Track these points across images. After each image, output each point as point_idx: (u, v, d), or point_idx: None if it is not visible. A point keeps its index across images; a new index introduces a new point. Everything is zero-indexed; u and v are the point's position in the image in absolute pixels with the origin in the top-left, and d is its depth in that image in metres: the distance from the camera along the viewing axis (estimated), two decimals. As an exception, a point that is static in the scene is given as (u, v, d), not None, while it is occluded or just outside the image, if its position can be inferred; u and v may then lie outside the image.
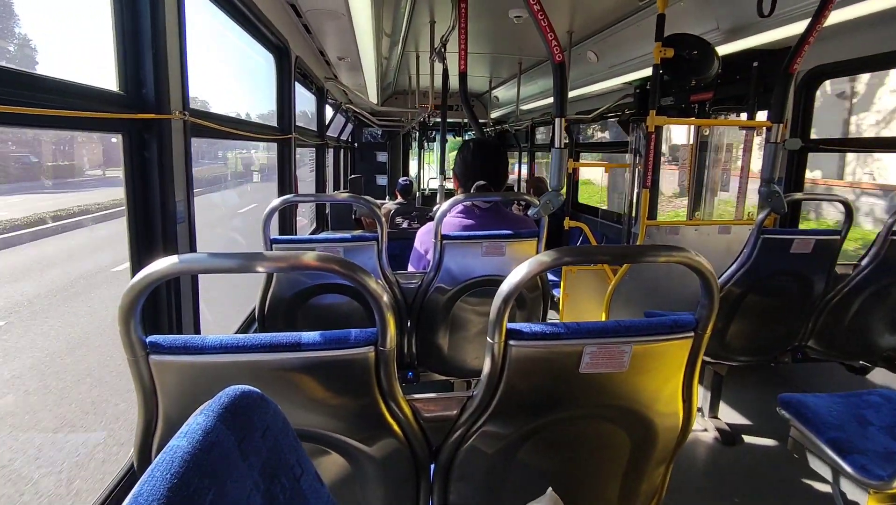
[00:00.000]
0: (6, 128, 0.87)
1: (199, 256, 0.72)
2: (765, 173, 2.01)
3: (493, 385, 0.87)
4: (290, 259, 0.74)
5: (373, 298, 0.78)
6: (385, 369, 0.83)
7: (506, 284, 0.82)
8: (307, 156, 4.41)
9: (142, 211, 1.16)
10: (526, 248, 1.76)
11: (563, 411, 0.92)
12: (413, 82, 5.21)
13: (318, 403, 0.84)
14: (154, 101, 1.11)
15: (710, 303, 0.86)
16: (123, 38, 1.07)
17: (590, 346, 0.83)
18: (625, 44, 3.35)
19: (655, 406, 0.93)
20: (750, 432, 2.28)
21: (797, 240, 1.87)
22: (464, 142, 2.07)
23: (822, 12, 1.76)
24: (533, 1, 1.58)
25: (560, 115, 1.70)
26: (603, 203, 8.16)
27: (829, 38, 2.32)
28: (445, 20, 3.18)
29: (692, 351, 0.90)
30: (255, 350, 0.77)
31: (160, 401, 0.79)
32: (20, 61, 3.15)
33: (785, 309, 2.05)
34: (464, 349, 1.93)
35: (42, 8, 1.37)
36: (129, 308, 0.72)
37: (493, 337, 0.83)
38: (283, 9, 2.31)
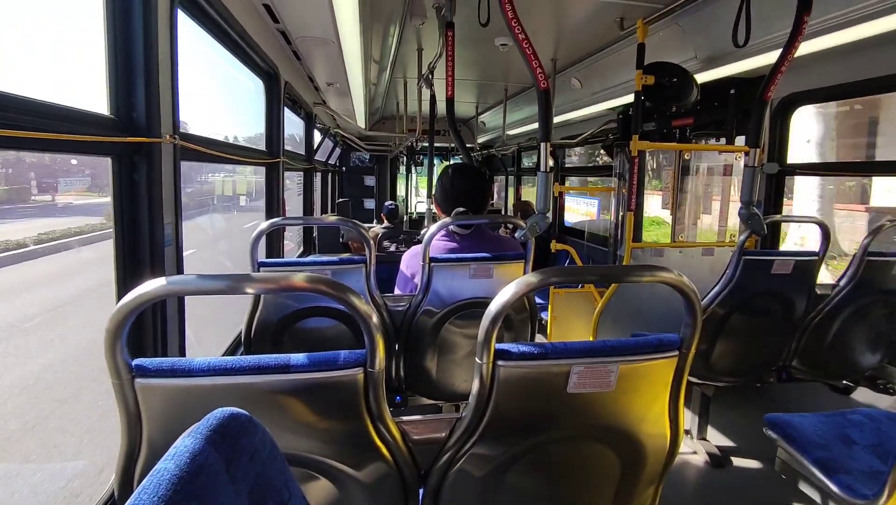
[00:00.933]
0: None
1: (187, 278, 0.72)
2: (744, 196, 2.06)
3: (481, 406, 0.87)
4: (279, 281, 0.74)
5: (361, 319, 0.78)
6: (374, 391, 0.83)
7: (494, 304, 0.83)
8: (295, 180, 4.42)
9: (129, 233, 1.15)
10: (514, 270, 1.77)
11: (552, 432, 0.92)
12: (401, 107, 5.28)
13: (306, 426, 0.83)
14: (145, 124, 1.12)
15: (694, 322, 0.87)
16: (116, 62, 1.08)
17: (577, 365, 0.84)
18: (608, 71, 3.45)
19: (643, 426, 0.94)
20: (738, 454, 2.28)
21: (777, 260, 1.91)
22: (444, 168, 2.10)
23: (793, 43, 1.84)
24: (518, 30, 1.63)
25: (545, 140, 1.74)
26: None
27: (803, 67, 2.41)
28: (433, 47, 3.25)
29: (677, 370, 0.91)
30: (243, 372, 0.77)
31: (144, 426, 0.78)
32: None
33: (768, 329, 2.08)
34: (452, 372, 1.92)
35: (31, 34, 1.37)
36: (115, 331, 0.71)
37: (482, 357, 0.83)
38: (273, 35, 2.35)
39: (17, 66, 1.03)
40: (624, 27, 2.79)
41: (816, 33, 1.95)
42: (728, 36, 2.26)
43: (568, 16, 2.79)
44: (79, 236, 4.97)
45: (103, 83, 1.06)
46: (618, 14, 2.70)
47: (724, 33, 2.33)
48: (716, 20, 2.39)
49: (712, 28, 2.46)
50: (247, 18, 1.89)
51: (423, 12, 2.72)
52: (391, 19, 2.86)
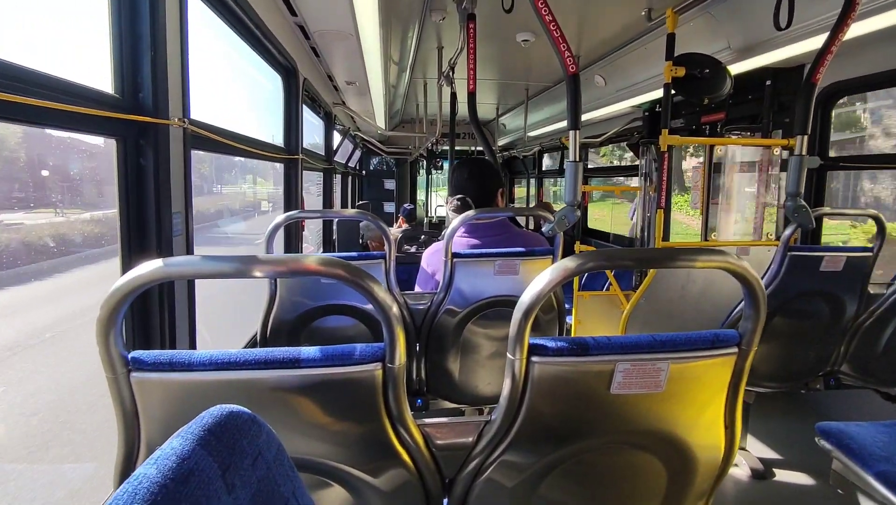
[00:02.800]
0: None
1: (186, 259, 0.65)
2: (790, 188, 1.93)
3: (513, 408, 0.78)
4: (291, 263, 0.67)
5: (380, 309, 0.70)
6: (394, 389, 0.74)
7: (527, 294, 0.74)
8: (315, 182, 4.40)
9: (135, 222, 1.09)
10: (541, 266, 1.68)
11: (592, 438, 0.82)
12: (420, 109, 5.24)
13: (319, 427, 0.75)
14: (151, 106, 1.06)
15: (756, 314, 0.77)
16: (121, 39, 1.03)
17: (622, 362, 0.74)
18: (633, 66, 3.34)
19: (694, 433, 0.83)
20: (784, 466, 2.12)
21: (827, 257, 1.77)
22: (453, 167, 2.06)
23: (845, 20, 1.71)
24: (545, 11, 1.55)
25: (574, 128, 1.65)
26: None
27: (846, 55, 2.27)
28: (453, 45, 3.19)
29: (736, 370, 0.80)
30: (249, 367, 0.69)
31: (142, 425, 0.71)
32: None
33: (815, 332, 1.94)
34: (476, 374, 1.83)
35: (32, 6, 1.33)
36: (108, 319, 0.64)
37: (514, 353, 0.74)
38: (291, 30, 2.31)
39: (12, 35, 0.97)
40: (652, 18, 2.68)
41: (869, 13, 1.81)
42: (764, 23, 2.14)
43: (593, 9, 2.70)
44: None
45: (107, 62, 1.01)
46: (645, 5, 2.60)
47: (761, 20, 2.21)
48: (751, 6, 2.27)
49: (747, 15, 2.34)
50: (264, 10, 1.85)
51: (444, 7, 2.66)
52: (410, 16, 2.81)
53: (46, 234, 2.05)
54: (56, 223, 2.09)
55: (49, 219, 2.03)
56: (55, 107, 0.84)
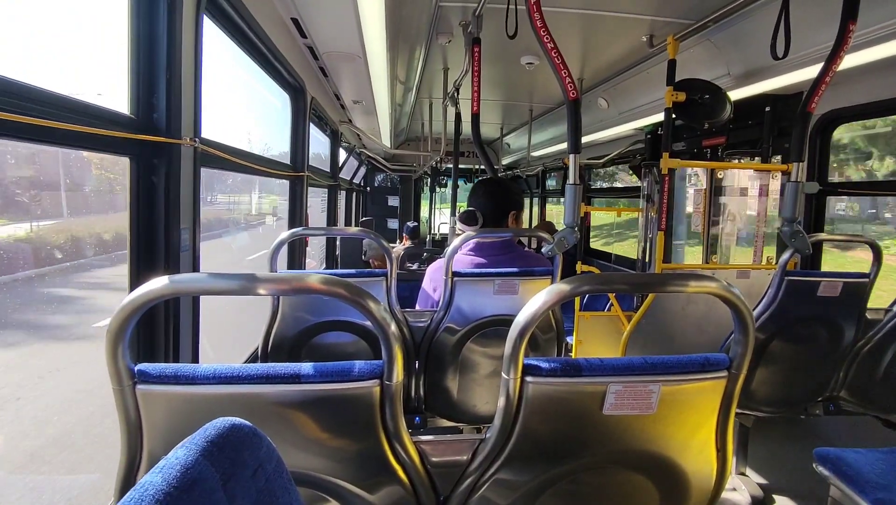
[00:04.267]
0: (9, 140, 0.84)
1: (193, 277, 0.68)
2: (786, 213, 1.95)
3: (507, 426, 0.80)
4: (293, 281, 0.69)
5: (379, 327, 0.72)
6: (391, 406, 0.76)
7: (522, 314, 0.76)
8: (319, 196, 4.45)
9: (145, 237, 1.13)
10: (540, 286, 1.70)
11: (586, 458, 0.83)
12: (426, 128, 5.31)
13: (317, 442, 0.77)
14: (164, 126, 1.11)
15: (745, 339, 0.79)
16: (138, 62, 1.08)
17: (615, 384, 0.76)
18: (635, 90, 3.40)
19: (686, 455, 0.85)
20: (783, 492, 2.11)
21: (824, 282, 1.79)
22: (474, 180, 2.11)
23: (838, 52, 1.75)
24: (547, 39, 1.60)
25: (574, 152, 1.68)
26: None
27: (843, 83, 2.31)
28: (458, 66, 3.26)
29: (726, 393, 0.82)
30: (251, 381, 0.71)
31: (145, 436, 0.73)
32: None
33: (814, 356, 1.94)
34: (474, 393, 1.83)
35: (53, 29, 1.38)
36: (117, 333, 0.67)
37: (509, 372, 0.76)
38: (301, 50, 2.37)
39: (37, 59, 1.02)
40: (653, 44, 2.74)
41: (864, 44, 1.86)
42: (763, 51, 2.18)
43: (595, 34, 2.76)
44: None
45: (124, 85, 1.05)
46: (647, 31, 2.65)
47: (760, 48, 2.26)
48: (750, 35, 2.32)
49: (747, 43, 2.39)
50: (275, 32, 1.90)
51: (450, 30, 2.73)
52: (417, 38, 2.88)
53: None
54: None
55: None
56: (74, 128, 0.88)
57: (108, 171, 3.39)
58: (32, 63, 0.94)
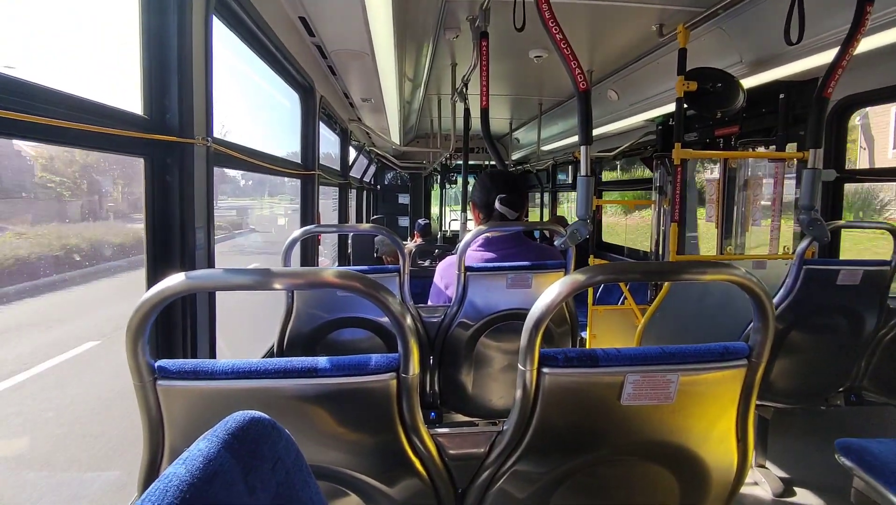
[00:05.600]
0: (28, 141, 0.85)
1: (209, 273, 0.69)
2: (804, 201, 1.92)
3: (525, 418, 0.79)
4: (308, 276, 0.70)
5: (395, 320, 0.72)
6: (408, 399, 0.76)
7: (537, 306, 0.75)
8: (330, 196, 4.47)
9: (161, 236, 1.14)
10: (553, 279, 1.69)
11: (604, 449, 0.83)
12: (435, 125, 5.31)
13: (335, 436, 0.77)
14: (177, 126, 1.12)
15: (765, 327, 0.78)
16: (150, 63, 1.09)
17: (632, 374, 0.75)
18: (645, 81, 3.36)
19: (706, 446, 0.84)
20: (804, 484, 2.08)
21: (843, 271, 1.76)
22: (480, 173, 2.05)
23: (855, 36, 1.71)
24: (556, 30, 1.58)
25: (586, 143, 1.67)
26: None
27: (859, 68, 2.27)
28: (466, 61, 3.25)
29: (746, 383, 0.81)
30: (269, 376, 0.72)
31: (167, 431, 0.74)
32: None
33: (834, 346, 1.91)
34: (489, 388, 1.83)
35: (67, 32, 1.39)
36: (137, 329, 0.68)
37: (525, 364, 0.76)
38: (309, 49, 2.38)
39: (55, 62, 1.04)
40: (663, 33, 2.70)
41: (880, 27, 1.81)
42: (776, 37, 2.15)
43: (604, 25, 2.73)
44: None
45: (137, 86, 1.07)
46: (656, 21, 2.62)
47: (773, 34, 2.22)
48: (762, 21, 2.28)
49: (759, 29, 2.35)
50: (283, 32, 1.91)
51: (457, 25, 2.72)
52: (424, 34, 2.87)
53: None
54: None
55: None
56: (88, 128, 0.90)
57: (56, 173, 2.93)
58: (43, 64, 0.95)
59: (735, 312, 2.13)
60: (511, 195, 1.85)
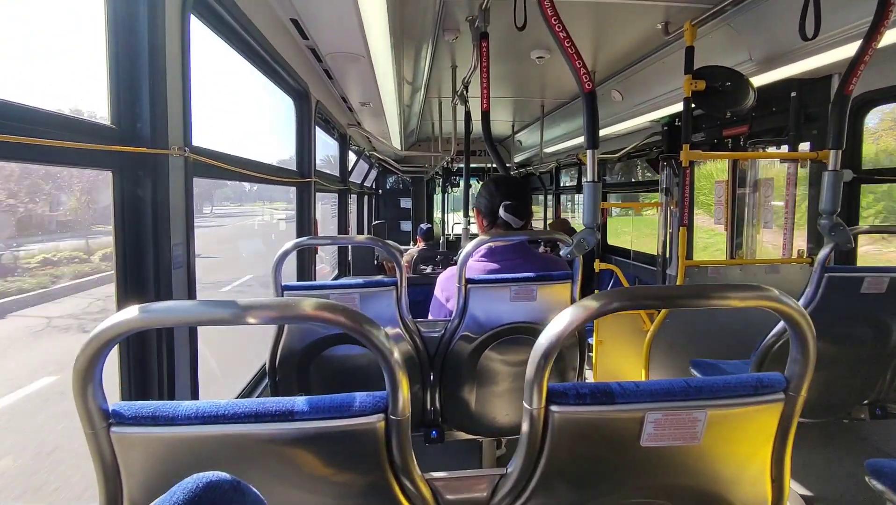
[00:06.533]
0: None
1: (169, 305, 0.60)
2: (825, 205, 1.82)
3: (532, 460, 0.70)
4: (285, 308, 0.60)
5: (380, 355, 0.63)
6: (398, 442, 0.67)
7: (545, 336, 0.66)
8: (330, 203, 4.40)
9: (132, 255, 1.05)
10: (559, 291, 1.60)
11: (620, 493, 0.73)
12: (436, 128, 5.23)
13: (316, 482, 0.68)
14: (150, 136, 1.03)
15: (805, 357, 0.68)
16: (118, 66, 1.00)
17: (653, 412, 0.66)
18: (650, 81, 3.27)
19: (737, 488, 0.74)
20: (827, 502, 1.97)
21: (869, 278, 1.65)
22: (486, 179, 1.96)
23: (878, 28, 1.62)
24: (559, 28, 1.50)
25: (592, 147, 1.58)
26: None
27: (876, 63, 2.17)
28: (466, 63, 3.17)
29: (783, 418, 0.72)
30: (238, 420, 0.63)
31: (124, 483, 0.65)
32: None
33: (858, 358, 1.80)
34: (493, 404, 1.74)
35: (25, 37, 1.30)
36: (86, 369, 0.59)
37: (532, 401, 0.67)
38: (302, 52, 2.30)
39: (8, 70, 0.96)
40: (669, 31, 2.62)
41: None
42: (788, 33, 2.05)
43: (608, 24, 2.65)
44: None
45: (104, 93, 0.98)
46: (662, 18, 2.54)
47: (784, 30, 2.13)
48: (774, 16, 2.19)
49: (769, 26, 2.26)
50: (274, 34, 1.83)
51: (456, 26, 2.64)
52: (423, 36, 2.80)
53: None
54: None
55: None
56: (46, 143, 0.81)
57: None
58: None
59: (749, 318, 2.03)
60: (516, 202, 1.76)
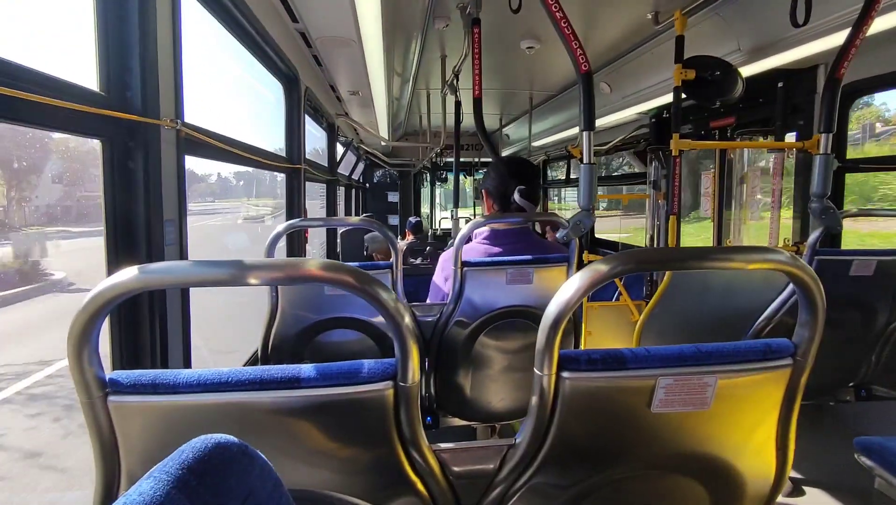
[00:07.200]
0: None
1: (169, 265, 0.57)
2: (816, 188, 1.85)
3: (541, 429, 0.69)
4: (290, 268, 0.58)
5: (391, 320, 0.61)
6: (407, 411, 0.66)
7: (554, 303, 0.65)
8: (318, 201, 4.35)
9: (123, 231, 1.01)
10: (555, 274, 1.59)
11: (631, 462, 0.73)
12: (424, 121, 5.21)
13: (322, 454, 0.67)
14: (140, 105, 0.99)
15: (814, 321, 0.69)
16: (107, 33, 0.96)
17: (665, 378, 0.66)
18: (640, 72, 3.29)
19: (743, 455, 0.75)
20: (819, 484, 2.00)
21: (857, 261, 1.68)
22: (496, 160, 1.95)
23: (869, 13, 1.64)
24: (556, 9, 1.49)
25: (588, 129, 1.57)
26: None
27: (863, 52, 2.21)
28: (456, 53, 3.15)
29: (790, 385, 0.72)
30: (242, 388, 0.61)
31: (122, 455, 0.62)
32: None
33: (845, 341, 1.84)
34: (488, 390, 1.73)
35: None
36: (81, 334, 0.56)
37: (542, 368, 0.66)
38: (292, 36, 2.26)
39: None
40: (659, 21, 2.63)
41: (882, 10, 1.75)
42: (775, 23, 2.08)
43: (597, 16, 2.65)
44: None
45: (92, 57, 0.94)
46: (652, 8, 2.55)
47: (773, 19, 2.15)
48: (763, 6, 2.21)
49: (757, 15, 2.28)
50: (264, 14, 1.80)
51: (447, 13, 2.62)
52: (413, 24, 2.77)
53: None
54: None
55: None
56: (34, 99, 0.77)
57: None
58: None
59: (737, 306, 2.05)
60: (531, 188, 1.75)
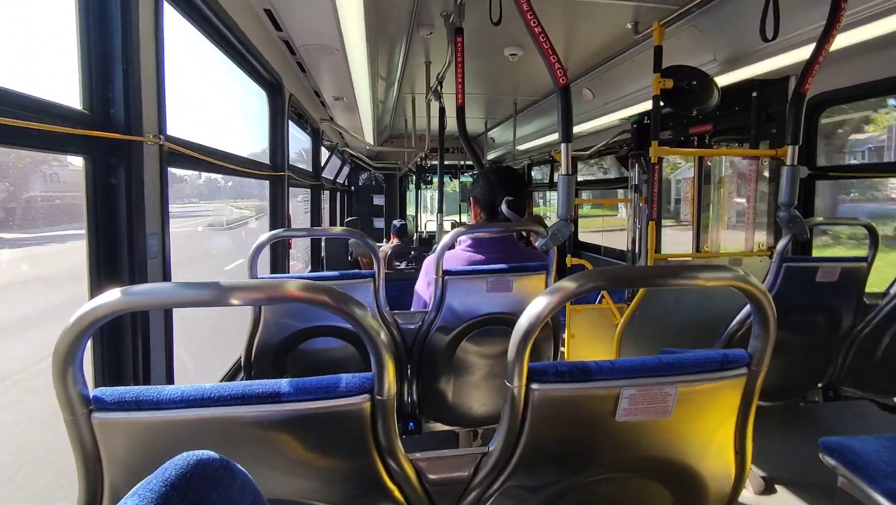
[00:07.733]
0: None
1: (152, 287, 0.59)
2: (784, 198, 1.91)
3: (513, 437, 0.73)
4: (269, 289, 0.61)
5: (367, 337, 0.64)
6: (384, 423, 0.69)
7: (525, 318, 0.69)
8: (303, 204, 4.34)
9: (105, 246, 1.02)
10: (535, 282, 1.63)
11: (598, 467, 0.77)
12: (409, 125, 5.23)
13: (302, 465, 0.69)
14: (123, 122, 1.01)
15: (766, 334, 0.73)
16: (89, 50, 0.97)
17: (628, 388, 0.70)
18: (621, 79, 3.36)
19: (704, 459, 0.79)
20: (787, 482, 2.07)
21: (822, 268, 1.75)
22: (484, 169, 1.97)
23: (831, 31, 1.71)
24: (534, 23, 1.53)
25: (566, 141, 1.62)
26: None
27: (831, 66, 2.29)
28: (440, 60, 3.18)
29: (746, 392, 0.76)
30: (224, 403, 0.63)
31: (106, 472, 0.64)
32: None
33: (813, 344, 1.91)
34: (469, 395, 1.77)
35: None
36: (66, 354, 0.58)
37: (513, 379, 0.69)
38: (276, 44, 2.27)
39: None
40: (638, 31, 2.69)
41: (849, 25, 1.82)
42: (749, 35, 2.14)
43: (579, 23, 2.70)
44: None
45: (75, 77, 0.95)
46: (631, 18, 2.61)
47: (746, 32, 2.22)
48: (736, 19, 2.29)
49: (733, 27, 2.36)
50: (248, 24, 1.81)
51: (431, 21, 2.65)
52: (397, 31, 2.80)
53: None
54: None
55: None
56: (16, 124, 0.78)
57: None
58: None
59: (712, 310, 2.12)
60: (518, 198, 1.78)
